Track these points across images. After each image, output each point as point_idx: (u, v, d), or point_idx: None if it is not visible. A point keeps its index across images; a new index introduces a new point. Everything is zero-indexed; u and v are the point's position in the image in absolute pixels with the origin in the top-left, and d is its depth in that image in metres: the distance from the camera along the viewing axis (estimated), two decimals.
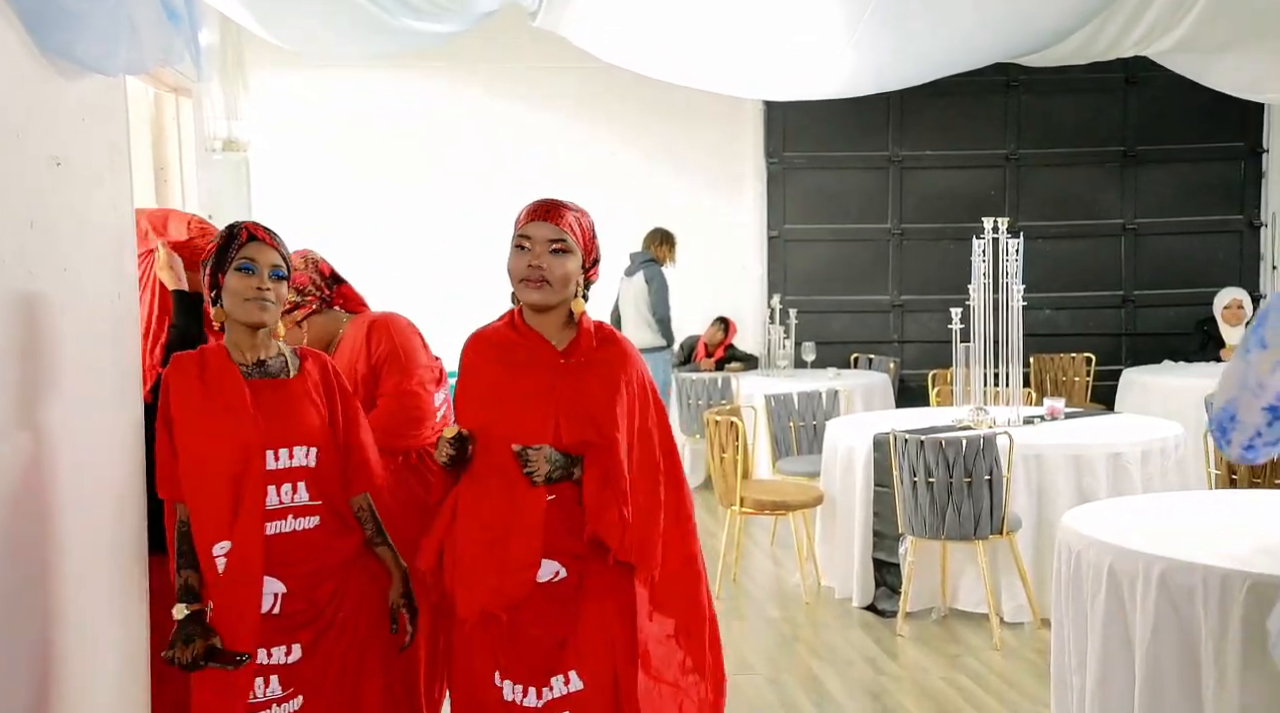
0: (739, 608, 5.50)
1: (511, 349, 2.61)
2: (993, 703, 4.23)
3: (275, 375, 2.60)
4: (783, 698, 4.33)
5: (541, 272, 2.50)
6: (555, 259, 2.52)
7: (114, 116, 2.90)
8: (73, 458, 2.42)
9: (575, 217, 2.58)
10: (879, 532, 5.29)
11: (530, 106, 8.84)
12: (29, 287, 2.30)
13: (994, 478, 4.77)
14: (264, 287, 2.54)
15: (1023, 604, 5.03)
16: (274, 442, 2.50)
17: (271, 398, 2.55)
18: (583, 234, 2.58)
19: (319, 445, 2.56)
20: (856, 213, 9.61)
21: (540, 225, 2.53)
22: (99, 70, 2.58)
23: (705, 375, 7.96)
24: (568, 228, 2.54)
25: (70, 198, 2.56)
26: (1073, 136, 9.60)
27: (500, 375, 2.59)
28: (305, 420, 2.56)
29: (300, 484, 2.53)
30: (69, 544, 2.40)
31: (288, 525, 2.52)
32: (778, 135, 9.46)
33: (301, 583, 2.52)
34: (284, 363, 2.63)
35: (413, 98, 8.76)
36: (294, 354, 2.67)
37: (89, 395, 2.52)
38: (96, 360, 2.58)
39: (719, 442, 5.67)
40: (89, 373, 2.54)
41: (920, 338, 9.42)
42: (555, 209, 2.57)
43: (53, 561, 2.34)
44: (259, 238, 2.61)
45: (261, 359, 2.60)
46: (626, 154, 9.08)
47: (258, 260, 2.56)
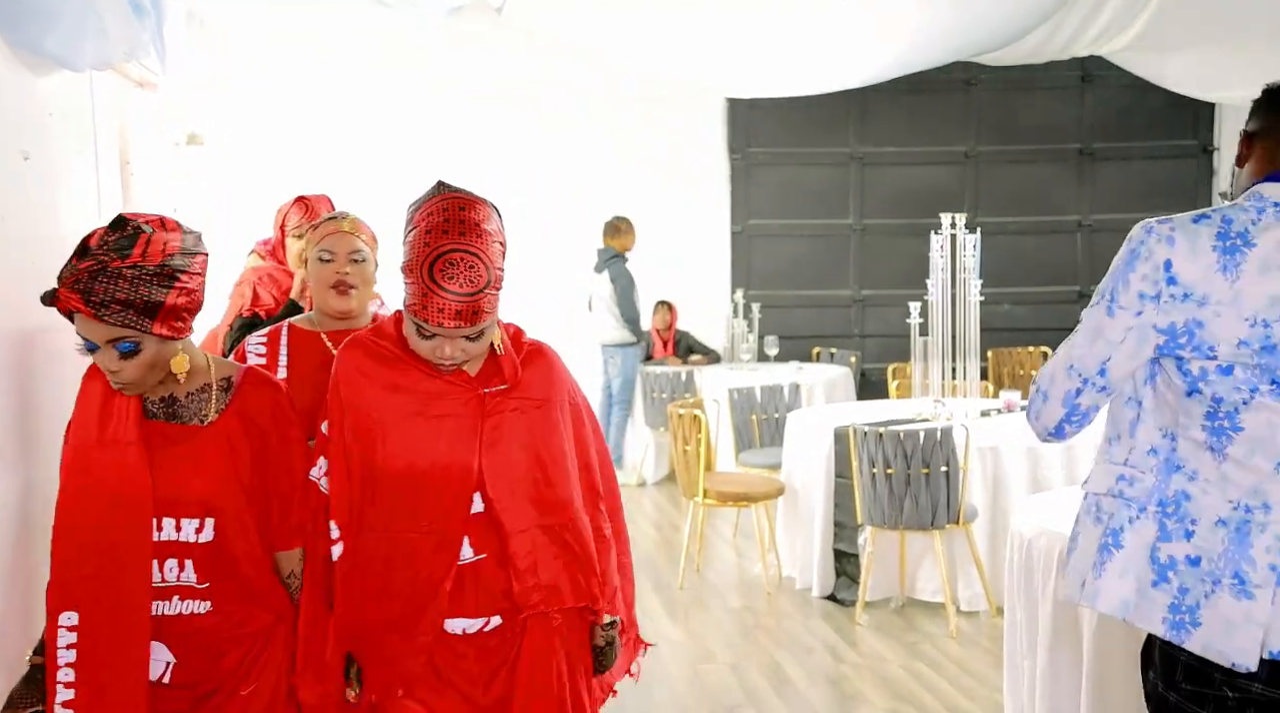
0: (701, 598, 5.57)
1: (403, 372, 2.10)
2: (949, 689, 4.33)
3: (184, 421, 2.07)
4: (744, 685, 4.41)
5: (456, 360, 2.06)
6: (474, 343, 2.05)
7: (80, 111, 2.92)
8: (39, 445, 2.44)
9: (489, 292, 2.00)
10: (839, 522, 5.39)
11: (493, 102, 8.85)
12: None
13: (950, 469, 4.87)
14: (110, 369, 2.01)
15: (979, 593, 5.14)
16: (165, 508, 2.01)
17: (171, 450, 2.03)
18: (498, 293, 2.03)
19: (218, 516, 2.04)
20: (819, 208, 9.72)
21: (454, 331, 2.00)
22: (67, 65, 2.61)
23: (669, 369, 8.04)
24: (484, 319, 2.01)
25: (38, 191, 2.58)
26: (1030, 134, 9.76)
27: (395, 405, 2.08)
28: (205, 484, 2.03)
29: (189, 563, 2.03)
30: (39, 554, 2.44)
31: (172, 608, 2.05)
32: (741, 131, 9.54)
33: (197, 652, 2.08)
34: (204, 402, 2.08)
35: (377, 93, 8.74)
36: (225, 386, 2.11)
37: (55, 389, 2.54)
38: (62, 352, 2.60)
39: (682, 434, 5.73)
40: (55, 363, 2.56)
41: (881, 332, 9.53)
42: (468, 309, 1.97)
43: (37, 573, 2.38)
44: (77, 311, 2.02)
45: (171, 396, 2.08)
46: (590, 150, 9.11)
47: (93, 337, 2.02)
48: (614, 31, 7.38)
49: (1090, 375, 1.94)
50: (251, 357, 2.54)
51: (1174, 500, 1.89)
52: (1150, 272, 1.87)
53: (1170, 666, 1.89)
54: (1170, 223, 1.89)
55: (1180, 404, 1.90)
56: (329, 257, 2.54)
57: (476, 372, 2.13)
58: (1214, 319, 1.83)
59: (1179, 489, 1.89)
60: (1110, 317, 1.91)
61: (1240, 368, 1.82)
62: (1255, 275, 1.81)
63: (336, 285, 2.52)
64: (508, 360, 2.12)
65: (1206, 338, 1.84)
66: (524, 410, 2.12)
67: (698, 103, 9.33)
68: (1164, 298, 1.86)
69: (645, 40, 7.53)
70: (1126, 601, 1.90)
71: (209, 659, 2.07)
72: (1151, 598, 1.87)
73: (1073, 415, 1.99)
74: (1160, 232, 1.88)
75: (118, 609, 1.97)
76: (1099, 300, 1.95)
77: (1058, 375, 1.99)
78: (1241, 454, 1.84)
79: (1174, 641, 1.85)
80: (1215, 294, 1.83)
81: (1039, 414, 2.03)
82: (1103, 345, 1.92)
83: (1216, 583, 1.83)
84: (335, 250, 2.53)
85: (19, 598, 2.36)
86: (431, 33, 8.02)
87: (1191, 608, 1.84)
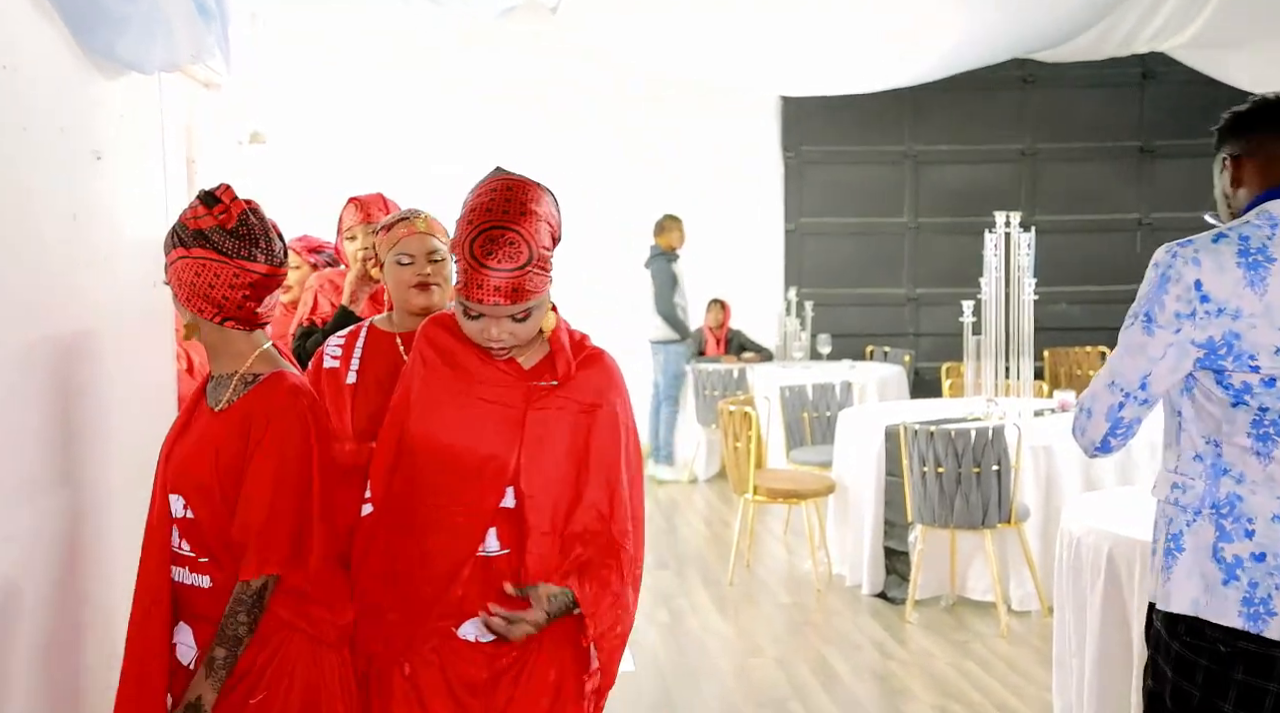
0: (751, 594, 5.60)
1: (463, 354, 2.10)
2: (997, 687, 4.33)
3: (209, 402, 2.12)
4: (791, 680, 4.44)
5: (503, 343, 2.03)
6: (516, 325, 2.01)
7: (149, 111, 3.02)
8: (110, 427, 2.54)
9: (535, 270, 1.96)
10: (890, 520, 5.39)
11: (552, 99, 8.93)
12: (71, 275, 2.42)
13: (1002, 468, 4.85)
14: None
15: (1031, 593, 5.12)
16: (168, 480, 2.10)
17: (190, 426, 2.13)
18: (546, 273, 2.01)
19: (189, 499, 2.06)
20: (872, 206, 9.69)
21: (494, 309, 1.97)
22: (135, 68, 2.70)
23: (721, 366, 8.07)
24: (529, 298, 1.98)
25: (109, 190, 2.68)
26: (1089, 131, 9.64)
27: (448, 383, 2.09)
28: (188, 465, 2.07)
29: (184, 539, 2.08)
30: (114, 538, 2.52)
31: (189, 578, 2.09)
32: (794, 129, 9.54)
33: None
34: (224, 388, 2.11)
35: (433, 89, 8.85)
36: (248, 381, 2.10)
37: (123, 381, 2.64)
38: (129, 345, 2.70)
39: (732, 431, 5.77)
40: (124, 357, 2.66)
41: (936, 331, 9.48)
42: (508, 285, 1.94)
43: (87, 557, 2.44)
44: None
45: (212, 375, 2.16)
46: (645, 149, 9.17)
47: None
48: (666, 32, 7.42)
49: (1132, 390, 2.05)
50: (328, 358, 2.46)
51: (1227, 503, 2.02)
52: (1182, 292, 1.99)
53: (1173, 623, 2.05)
54: (1193, 244, 2.01)
55: (1225, 414, 2.02)
56: (408, 260, 2.47)
57: (531, 366, 2.09)
58: (1250, 331, 1.95)
59: (1229, 492, 2.02)
60: (1149, 335, 2.02)
61: None
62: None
63: (419, 285, 2.46)
64: (563, 358, 2.09)
65: (1246, 348, 1.96)
66: (568, 410, 2.08)
67: (751, 102, 9.35)
68: (1199, 315, 1.98)
69: (698, 40, 7.57)
70: (1196, 600, 2.02)
71: None
72: (1224, 595, 2.00)
73: (1116, 429, 2.09)
74: (1185, 254, 2.00)
75: (145, 564, 2.10)
76: (1134, 321, 2.06)
77: (1100, 392, 2.10)
78: None
79: (1252, 631, 1.98)
80: (1247, 307, 1.95)
81: (1084, 430, 2.13)
82: (1144, 361, 2.03)
83: None
84: (413, 252, 2.48)
85: (68, 623, 2.34)
86: (470, 34, 8.12)
87: (1265, 599, 1.98)
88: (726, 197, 9.37)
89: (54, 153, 2.38)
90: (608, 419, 2.10)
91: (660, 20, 7.30)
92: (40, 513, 2.25)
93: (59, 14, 2.37)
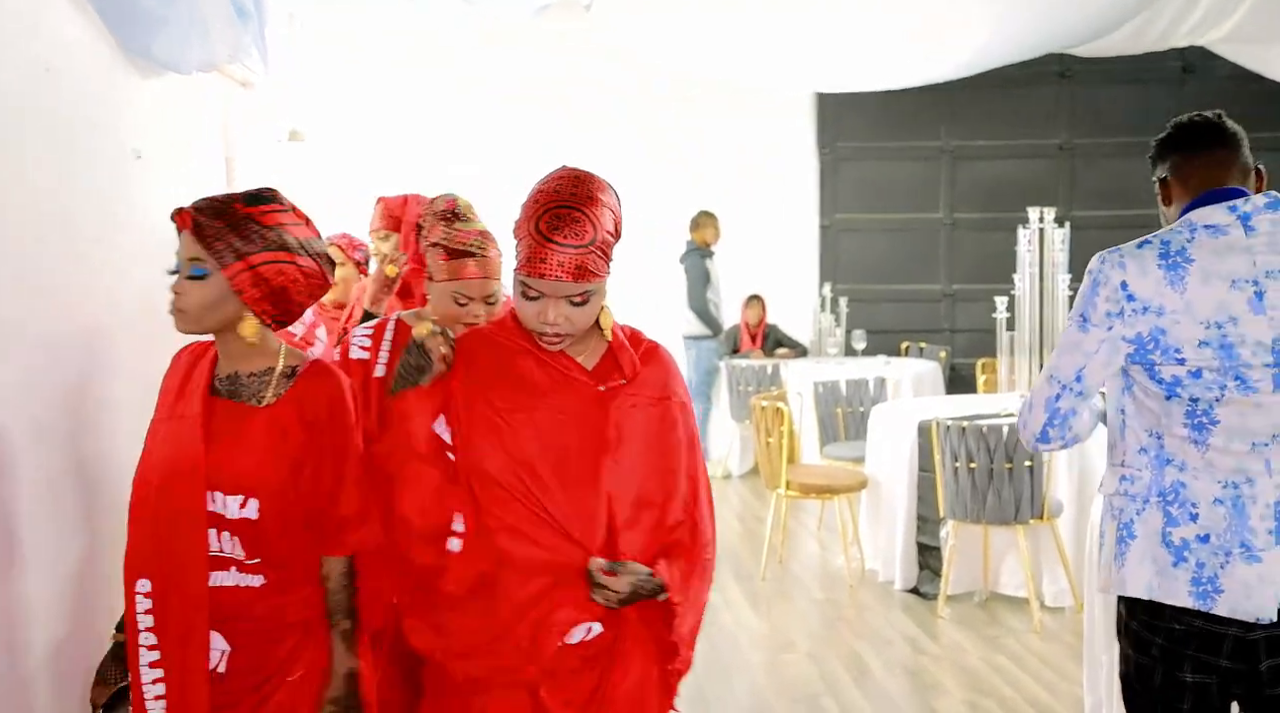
0: (784, 589, 5.61)
1: (521, 357, 2.05)
2: (1029, 683, 4.32)
3: (243, 400, 2.08)
4: (823, 675, 4.45)
5: (559, 329, 1.97)
6: (574, 309, 1.97)
7: (187, 110, 3.09)
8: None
9: (595, 252, 1.94)
10: (922, 516, 5.39)
11: (586, 95, 8.97)
12: (112, 269, 2.48)
13: (1034, 464, 4.84)
14: (176, 288, 2.04)
15: (1064, 589, 5.10)
16: (214, 482, 2.03)
17: (225, 427, 2.06)
18: (606, 259, 1.98)
19: (262, 498, 2.04)
20: (908, 202, 9.66)
21: (555, 285, 1.94)
22: (174, 69, 2.77)
23: (755, 362, 8.08)
24: (589, 278, 1.95)
25: (148, 187, 2.74)
26: (1129, 126, 9.54)
27: (513, 397, 2.02)
28: (248, 464, 2.04)
29: (236, 540, 2.05)
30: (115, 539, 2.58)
31: (230, 579, 2.05)
32: (829, 126, 9.53)
33: (251, 639, 2.07)
34: (265, 383, 2.10)
35: (462, 88, 8.91)
36: (288, 373, 2.12)
37: (159, 372, 2.70)
38: (167, 337, 2.76)
39: (764, 427, 5.78)
40: (161, 348, 2.72)
41: (972, 327, 9.44)
42: (571, 262, 1.92)
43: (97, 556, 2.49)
44: (183, 226, 2.06)
45: (235, 373, 2.10)
46: (680, 144, 9.19)
47: (179, 255, 2.06)
48: (699, 31, 7.44)
49: (1069, 382, 2.24)
50: (355, 348, 2.46)
51: (1172, 490, 2.18)
52: (1111, 293, 2.17)
53: (1132, 606, 2.22)
54: (1119, 251, 2.20)
55: (1161, 407, 2.18)
56: (465, 301, 2.42)
57: (594, 366, 2.06)
58: (1174, 326, 2.12)
59: (1173, 480, 2.18)
60: (1084, 333, 2.21)
61: (1208, 371, 2.11)
62: (1199, 286, 2.11)
63: (466, 322, 2.40)
64: (625, 356, 2.06)
65: (1171, 342, 2.13)
66: (641, 408, 2.06)
67: (785, 99, 9.35)
68: (1126, 313, 2.16)
69: (731, 38, 7.58)
70: (1150, 583, 2.17)
71: (262, 645, 2.06)
72: (1174, 576, 2.15)
73: (1054, 419, 2.27)
74: (1112, 259, 2.19)
75: (180, 574, 2.01)
76: (1072, 321, 2.25)
77: (1040, 386, 2.30)
78: (1221, 442, 2.13)
79: (1202, 608, 2.12)
80: (1169, 305, 2.13)
81: (1025, 422, 2.31)
82: (1079, 356, 2.22)
83: (1228, 554, 2.12)
84: (473, 295, 2.42)
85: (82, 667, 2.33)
86: (497, 34, 8.17)
87: (1211, 578, 2.13)
88: (761, 193, 9.37)
89: (95, 151, 2.44)
90: (677, 411, 2.10)
91: (693, 20, 7.31)
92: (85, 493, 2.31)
93: (100, 16, 2.43)
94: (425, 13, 7.90)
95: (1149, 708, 2.22)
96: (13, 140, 2.19)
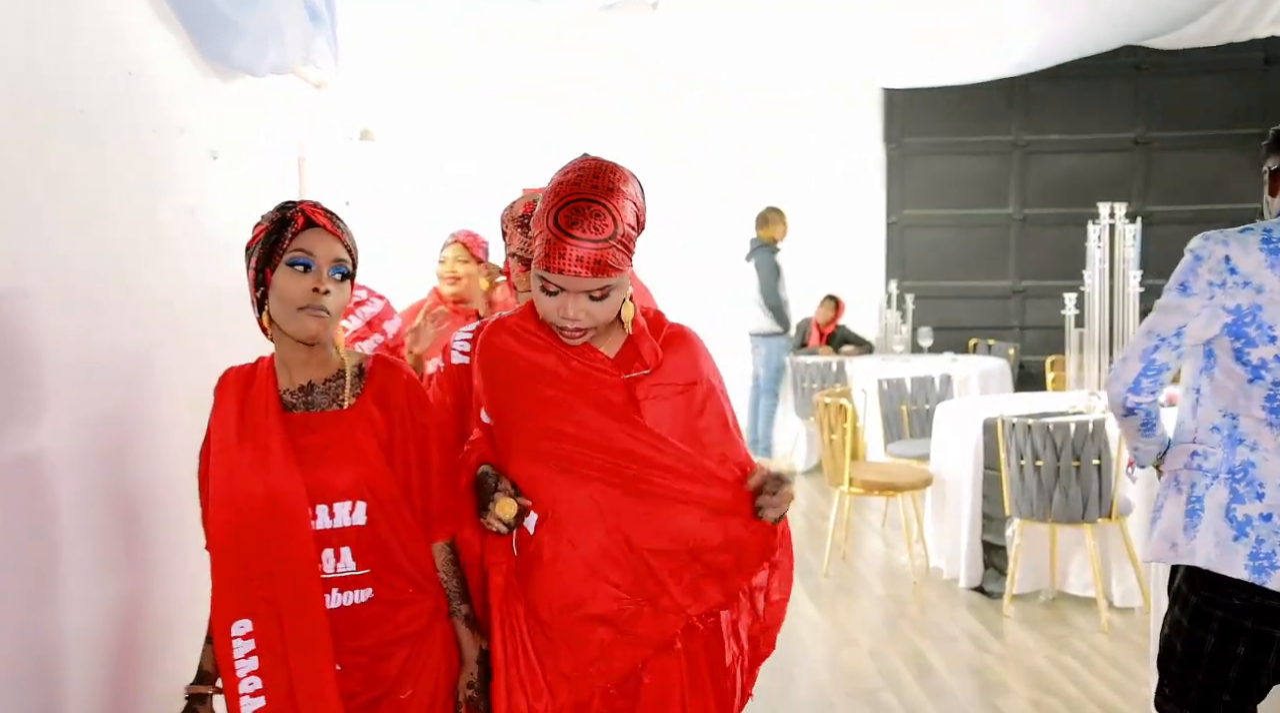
0: (847, 586, 5.61)
1: (544, 354, 2.00)
2: (1096, 683, 4.27)
3: (323, 408, 2.02)
4: (884, 671, 4.44)
5: (580, 324, 1.92)
6: (594, 304, 1.91)
7: (262, 112, 3.18)
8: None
9: (614, 246, 1.87)
10: (987, 514, 5.35)
11: (652, 88, 9.00)
12: (192, 266, 2.57)
13: (1103, 462, 4.78)
14: (322, 287, 1.95)
15: (1133, 588, 5.03)
16: (316, 496, 1.96)
17: (313, 439, 1.98)
18: (626, 252, 1.91)
19: (369, 499, 1.99)
20: (977, 198, 9.56)
21: (572, 281, 1.88)
22: (249, 72, 2.86)
23: (820, 359, 8.06)
24: (608, 272, 1.88)
25: (224, 187, 2.83)
26: (1207, 119, 9.36)
27: (547, 392, 1.98)
28: (352, 467, 1.98)
29: (345, 550, 1.97)
30: None
31: (334, 601, 1.97)
32: (897, 121, 9.47)
33: (360, 659, 2.00)
34: (339, 388, 2.04)
35: (535, 87, 8.99)
36: (358, 372, 2.07)
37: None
38: (245, 330, 2.85)
39: (828, 423, 5.78)
40: (239, 341, 2.81)
41: (1042, 324, 9.33)
42: (589, 257, 1.86)
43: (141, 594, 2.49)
44: (318, 223, 1.98)
45: (310, 384, 2.03)
46: (747, 140, 9.20)
47: (316, 253, 1.96)
48: (767, 25, 7.44)
49: (1168, 336, 2.35)
50: (456, 353, 2.39)
51: (1241, 469, 2.29)
52: (1214, 266, 2.30)
53: (1194, 579, 2.35)
54: (1223, 232, 2.32)
55: (1241, 390, 2.29)
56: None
57: (615, 355, 2.01)
58: (1270, 305, 2.25)
59: (1244, 459, 2.29)
60: (1185, 297, 2.34)
61: None
62: None
63: None
64: (647, 344, 2.00)
65: (1266, 320, 2.26)
66: (667, 396, 1.99)
67: (854, 93, 9.30)
68: (1229, 284, 2.29)
69: (799, 32, 7.56)
70: (1210, 555, 2.30)
71: (372, 663, 2.00)
72: (1233, 550, 2.27)
73: (1149, 370, 2.37)
74: (1216, 237, 2.32)
75: (293, 606, 1.91)
76: (1171, 290, 2.37)
77: (1136, 342, 2.42)
78: None
79: (1255, 582, 2.26)
80: (1269, 285, 2.26)
81: (1118, 375, 2.42)
82: (1180, 316, 2.34)
83: None
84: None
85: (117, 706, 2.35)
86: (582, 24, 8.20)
87: (1269, 555, 2.26)
88: (827, 190, 9.34)
89: (175, 152, 2.54)
90: (707, 393, 2.03)
91: (761, 20, 7.32)
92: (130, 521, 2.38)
93: (180, 22, 2.52)
94: (499, 9, 7.96)
95: (1191, 675, 2.32)
96: (98, 143, 2.28)
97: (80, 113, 2.21)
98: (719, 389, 2.08)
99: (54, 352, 2.11)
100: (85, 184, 2.24)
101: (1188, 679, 2.34)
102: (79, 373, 2.19)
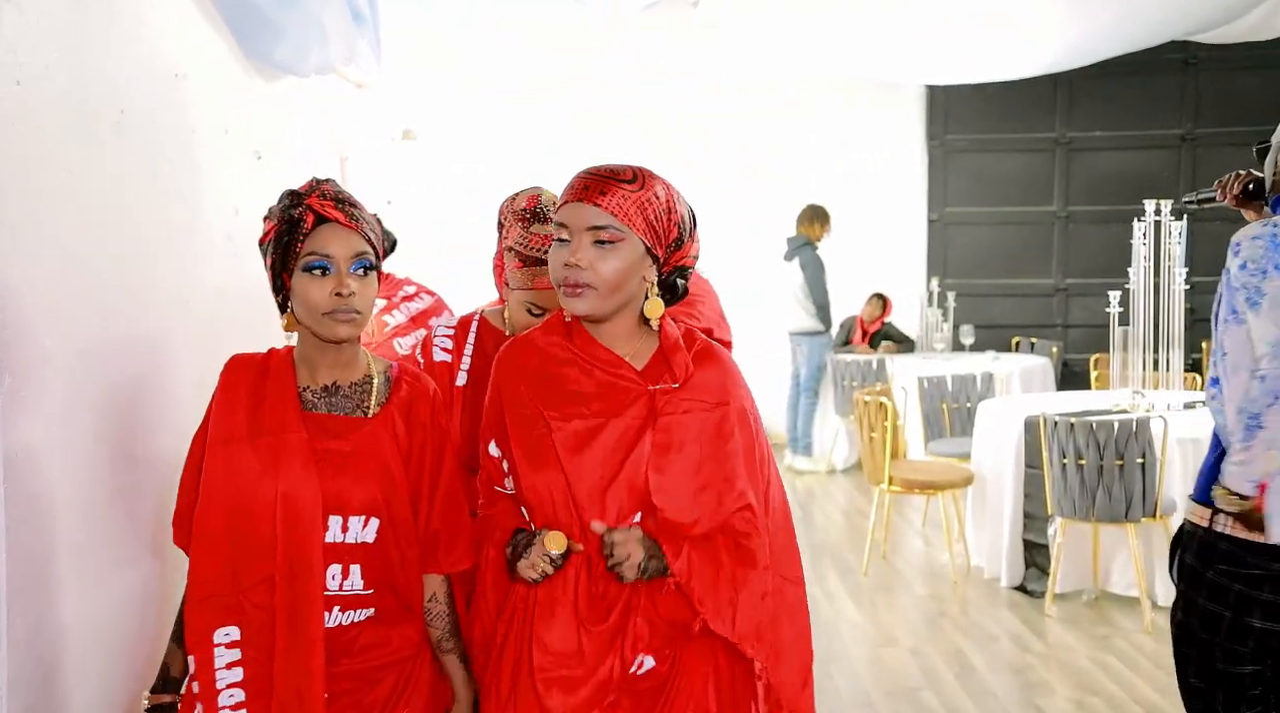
0: (887, 584, 5.59)
1: (566, 367, 1.89)
2: (1139, 683, 4.23)
3: (346, 412, 1.88)
4: (925, 669, 4.43)
5: (578, 272, 1.80)
6: (599, 253, 1.80)
7: (305, 112, 3.23)
8: None
9: (629, 193, 1.80)
10: (1029, 513, 5.31)
11: (690, 86, 9.00)
12: (236, 266, 2.62)
13: (1146, 461, 4.73)
14: (345, 290, 1.80)
15: None
16: (332, 505, 1.82)
17: (336, 444, 1.84)
18: (642, 214, 1.81)
19: (383, 516, 1.86)
20: (1020, 195, 9.48)
21: (577, 209, 1.81)
22: (293, 72, 2.90)
23: (860, 357, 8.03)
24: (614, 210, 1.79)
25: (269, 187, 2.88)
26: (1257, 115, 9.18)
27: (564, 405, 1.86)
28: (374, 481, 1.85)
29: (354, 568, 1.84)
30: None
31: (332, 619, 1.83)
32: (939, 117, 9.41)
33: (345, 684, 1.86)
34: (365, 393, 1.90)
35: (579, 85, 9.02)
36: (386, 378, 1.94)
37: None
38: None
39: (868, 422, 5.76)
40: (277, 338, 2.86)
41: (1086, 322, 9.24)
42: (597, 184, 1.81)
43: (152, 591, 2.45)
44: (330, 218, 1.83)
45: (335, 384, 1.89)
46: (788, 138, 9.18)
47: (333, 253, 1.82)
48: (809, 22, 7.42)
49: None
50: (437, 350, 2.27)
51: None
52: None
53: (1208, 556, 2.32)
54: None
55: None
56: (539, 312, 2.23)
57: (644, 367, 1.90)
58: None
59: None
60: None
61: None
62: None
63: None
64: (678, 356, 1.89)
65: None
66: (696, 412, 1.88)
67: (896, 90, 9.26)
68: None
69: (841, 30, 7.54)
70: None
71: (360, 689, 1.87)
72: None
73: None
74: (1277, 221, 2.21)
75: (291, 618, 1.77)
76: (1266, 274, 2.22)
77: None
78: None
79: None
80: None
81: None
82: None
83: None
84: (547, 306, 2.21)
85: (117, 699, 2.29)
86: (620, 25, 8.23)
87: None
88: (869, 187, 9.30)
89: (219, 152, 2.58)
90: (737, 415, 1.92)
91: (807, 18, 7.31)
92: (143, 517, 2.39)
93: (226, 24, 2.57)
94: (524, 12, 7.99)
95: (1206, 654, 2.32)
96: (146, 143, 2.33)
97: (122, 113, 2.24)
98: (751, 413, 1.98)
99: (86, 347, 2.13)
100: (134, 186, 2.28)
101: (1208, 655, 2.32)
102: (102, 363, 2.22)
